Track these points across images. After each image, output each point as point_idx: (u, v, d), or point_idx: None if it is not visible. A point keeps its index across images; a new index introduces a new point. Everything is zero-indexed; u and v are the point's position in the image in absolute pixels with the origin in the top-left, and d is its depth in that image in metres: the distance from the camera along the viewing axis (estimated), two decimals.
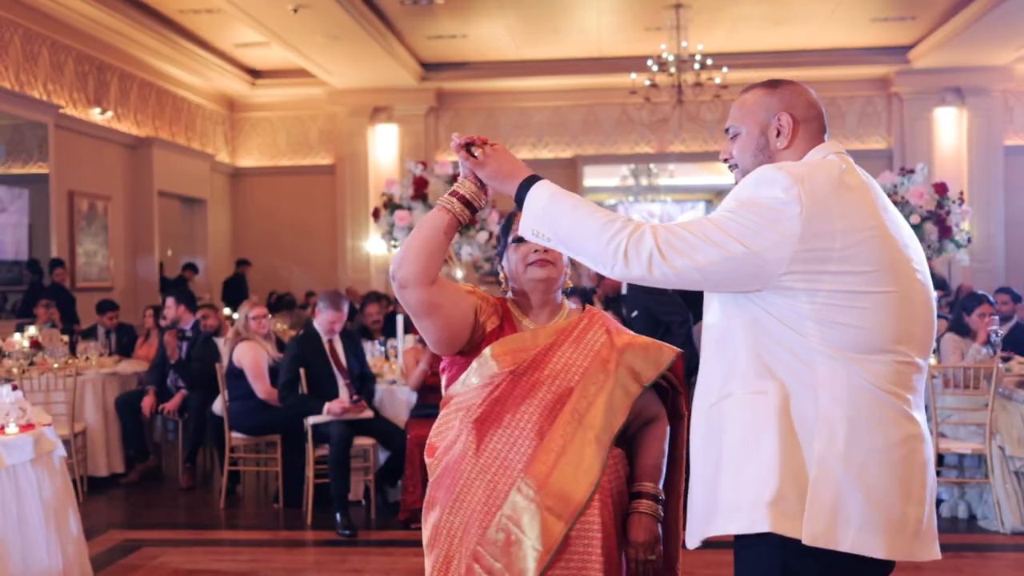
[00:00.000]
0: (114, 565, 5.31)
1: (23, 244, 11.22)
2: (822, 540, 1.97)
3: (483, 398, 2.37)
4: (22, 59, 10.97)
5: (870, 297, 2.01)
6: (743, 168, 2.23)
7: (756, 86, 2.28)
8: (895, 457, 2.03)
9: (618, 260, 2.05)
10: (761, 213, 2.00)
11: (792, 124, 2.18)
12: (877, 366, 2.02)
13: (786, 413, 2.01)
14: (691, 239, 2.01)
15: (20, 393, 4.77)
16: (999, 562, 5.25)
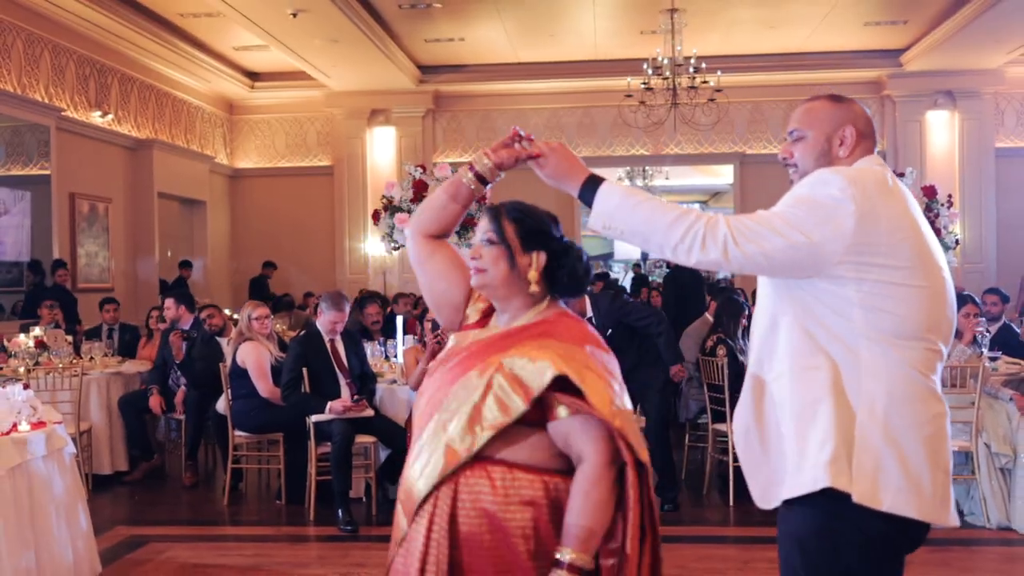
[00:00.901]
0: (122, 560, 5.43)
1: (25, 245, 11.33)
2: (867, 499, 2.21)
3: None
4: (24, 62, 11.08)
5: (908, 289, 2.26)
6: (802, 169, 2.46)
7: (822, 97, 2.53)
8: (927, 432, 2.28)
9: (695, 245, 2.24)
10: (820, 209, 2.25)
11: (855, 137, 2.44)
12: (912, 351, 2.27)
13: (839, 385, 2.26)
14: (759, 228, 2.24)
15: (31, 392, 4.89)
16: (985, 556, 5.39)
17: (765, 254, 2.24)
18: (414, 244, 2.49)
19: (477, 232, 2.35)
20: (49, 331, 8.32)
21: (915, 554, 5.25)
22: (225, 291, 16.12)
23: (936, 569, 5.13)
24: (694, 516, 6.42)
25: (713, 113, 13.37)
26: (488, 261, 2.28)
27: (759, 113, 16.25)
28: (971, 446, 5.87)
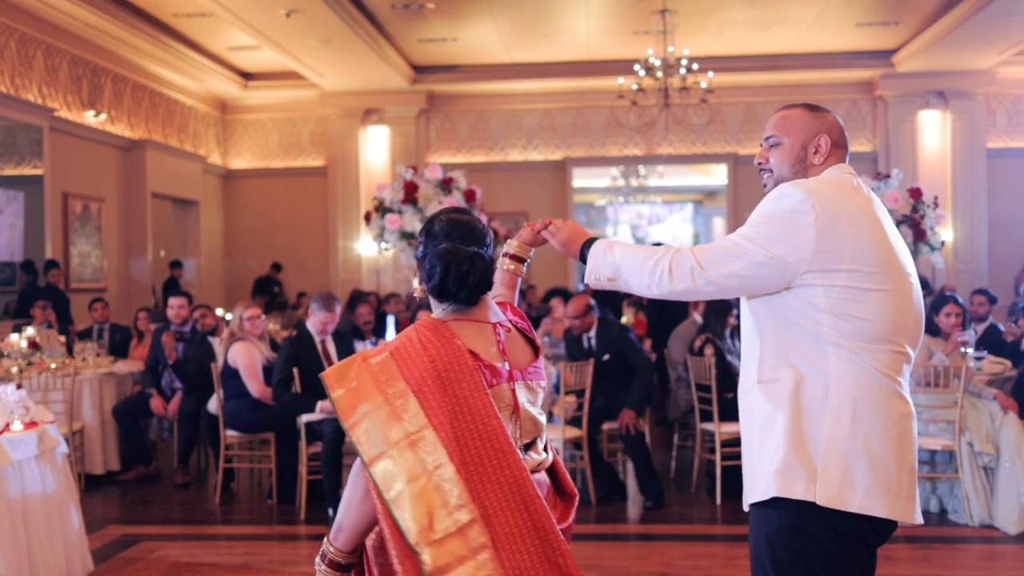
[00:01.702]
0: (114, 559, 5.48)
1: (17, 245, 11.36)
2: (834, 502, 2.33)
3: None
4: (17, 63, 11.11)
5: (874, 294, 2.35)
6: (777, 174, 2.56)
7: (799, 106, 2.61)
8: (893, 433, 2.37)
9: (664, 278, 2.42)
10: (781, 223, 2.36)
11: (829, 146, 2.54)
12: (878, 354, 2.36)
13: (796, 396, 2.36)
14: (723, 252, 2.38)
15: (24, 392, 4.94)
16: (966, 553, 5.45)
17: (733, 275, 2.36)
18: None
19: None
20: (42, 331, 8.36)
21: (898, 551, 5.34)
22: (219, 291, 16.16)
23: (918, 566, 5.20)
24: (682, 515, 6.47)
25: (705, 113, 13.44)
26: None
27: (752, 113, 16.31)
28: (954, 445, 5.93)
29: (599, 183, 20.23)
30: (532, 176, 16.46)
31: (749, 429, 2.50)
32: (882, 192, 7.00)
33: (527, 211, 16.34)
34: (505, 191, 16.09)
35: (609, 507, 6.52)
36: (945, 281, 14.76)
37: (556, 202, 16.52)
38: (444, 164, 15.26)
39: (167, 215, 15.22)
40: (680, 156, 16.60)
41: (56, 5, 11.10)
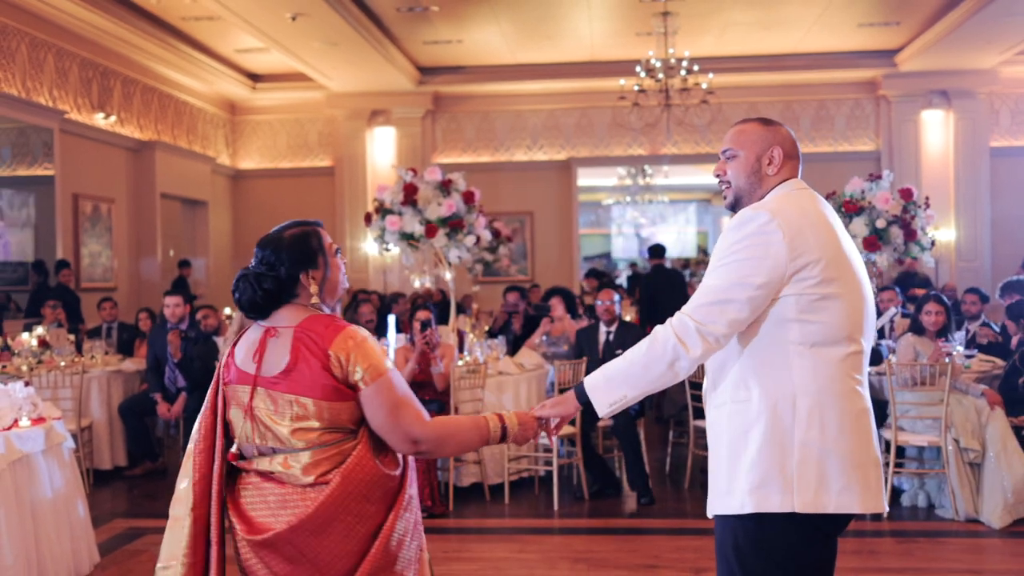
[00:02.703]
0: (119, 551, 5.64)
1: (29, 245, 11.57)
2: (811, 507, 2.47)
3: None
4: (28, 66, 11.31)
5: (834, 298, 2.51)
6: (735, 185, 2.70)
7: (753, 120, 2.74)
8: (858, 429, 2.53)
9: (681, 353, 2.51)
10: (752, 248, 2.50)
11: (782, 157, 2.66)
12: (838, 354, 2.52)
13: (765, 415, 2.50)
14: (714, 305, 2.50)
15: (32, 389, 5.11)
16: (948, 547, 5.57)
17: (733, 321, 2.49)
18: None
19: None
20: (52, 330, 8.55)
21: (882, 545, 5.47)
22: (227, 291, 16.30)
23: (900, 559, 5.33)
24: (675, 509, 6.61)
25: (707, 114, 13.55)
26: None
27: (756, 113, 16.35)
28: (940, 441, 6.05)
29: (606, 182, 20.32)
30: (537, 176, 16.59)
31: (717, 443, 2.63)
32: (873, 193, 7.10)
33: (532, 211, 16.49)
34: (510, 191, 16.24)
35: (602, 502, 6.67)
36: (948, 280, 14.83)
37: (561, 202, 16.65)
38: (450, 164, 15.48)
39: (176, 215, 15.42)
40: (684, 156, 16.71)
41: (66, 9, 11.29)
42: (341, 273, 2.62)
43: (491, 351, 7.57)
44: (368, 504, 2.37)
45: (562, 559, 5.45)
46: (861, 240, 7.05)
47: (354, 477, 2.36)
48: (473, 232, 7.51)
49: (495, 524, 6.28)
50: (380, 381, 2.41)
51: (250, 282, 2.48)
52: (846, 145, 16.28)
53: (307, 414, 2.40)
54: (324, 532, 2.33)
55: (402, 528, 2.42)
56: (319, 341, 2.41)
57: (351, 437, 2.42)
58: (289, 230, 2.58)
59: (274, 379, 2.42)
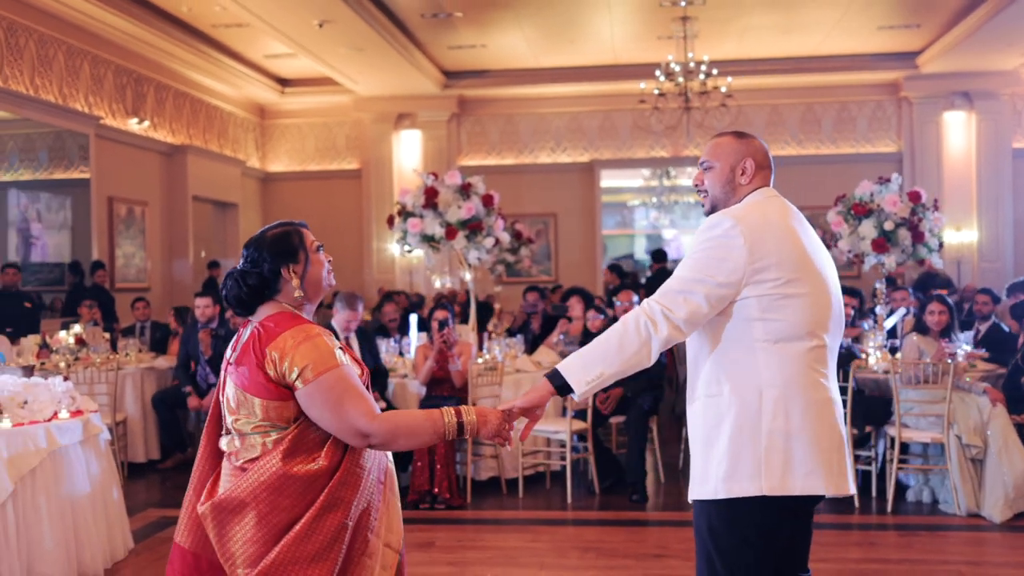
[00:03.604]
0: (152, 538, 5.95)
1: (65, 247, 11.95)
2: (778, 490, 2.70)
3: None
4: (65, 73, 11.69)
5: (796, 297, 2.74)
6: (712, 194, 2.94)
7: (729, 134, 2.98)
8: (823, 417, 2.76)
9: (651, 331, 2.74)
10: (716, 251, 2.74)
11: (754, 168, 2.90)
12: (802, 349, 2.75)
13: (735, 407, 2.74)
14: (679, 294, 2.75)
15: (70, 384, 5.41)
16: (948, 540, 5.75)
17: (695, 311, 2.73)
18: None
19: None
20: (88, 329, 8.90)
21: (883, 537, 5.67)
22: None
23: (900, 551, 5.52)
24: (685, 503, 6.80)
25: (726, 117, 13.71)
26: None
27: (777, 115, 16.54)
28: (943, 438, 6.22)
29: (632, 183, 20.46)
30: (561, 178, 16.81)
31: (695, 434, 2.87)
32: (882, 196, 7.26)
33: (556, 212, 16.71)
34: (534, 193, 16.47)
35: (613, 496, 6.88)
36: (970, 280, 14.89)
37: (585, 204, 16.85)
38: (474, 167, 15.75)
39: (207, 217, 15.79)
40: None
41: (102, 18, 11.66)
42: (324, 269, 2.72)
43: (509, 349, 7.81)
44: (281, 497, 2.46)
45: (573, 548, 5.69)
46: (870, 242, 7.22)
47: (265, 470, 2.47)
48: (492, 234, 7.75)
49: (510, 516, 6.52)
50: (319, 381, 2.46)
51: (235, 279, 2.62)
52: (868, 147, 16.36)
53: (246, 406, 2.52)
54: (239, 513, 2.46)
55: (321, 526, 2.46)
56: (264, 339, 2.52)
57: (278, 431, 2.51)
58: (272, 230, 2.73)
59: (232, 369, 2.58)
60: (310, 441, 2.52)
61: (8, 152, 10.56)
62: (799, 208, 3.00)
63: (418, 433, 2.56)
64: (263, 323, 2.58)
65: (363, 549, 2.53)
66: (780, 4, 12.64)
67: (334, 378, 2.48)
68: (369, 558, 2.54)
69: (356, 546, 2.53)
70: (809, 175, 15.79)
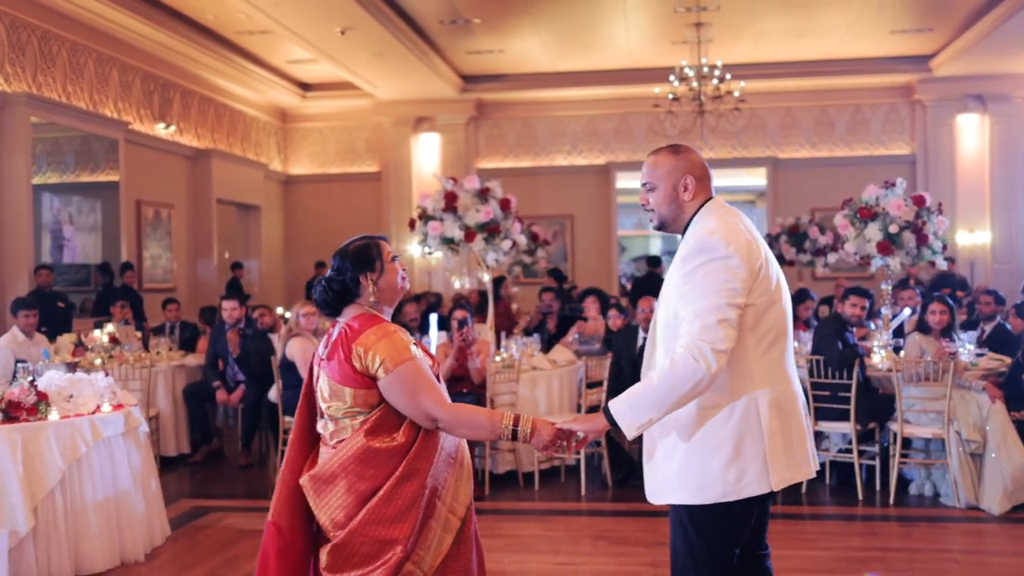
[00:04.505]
0: (187, 526, 6.27)
1: (95, 248, 12.32)
2: (781, 483, 2.90)
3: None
4: (95, 80, 12.06)
5: (775, 303, 2.94)
6: (658, 213, 3.08)
7: (664, 150, 3.09)
8: (799, 406, 2.99)
9: (704, 375, 2.74)
10: (720, 272, 2.83)
11: (695, 183, 3.03)
12: (780, 350, 2.96)
13: (735, 418, 2.88)
14: (716, 327, 2.76)
15: (111, 379, 5.74)
16: (946, 531, 5.98)
17: (732, 335, 2.79)
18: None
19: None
20: (120, 328, 9.24)
21: (885, 528, 5.93)
22: (279, 291, 17.05)
23: (899, 540, 5.77)
24: None
25: (739, 121, 13.93)
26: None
27: (791, 118, 16.74)
28: (944, 433, 6.46)
29: None
30: (577, 180, 17.08)
31: (685, 443, 2.91)
32: (887, 199, 7.49)
33: (572, 214, 16.98)
34: (551, 195, 16.75)
35: (625, 489, 7.14)
36: (983, 281, 15.03)
37: (600, 206, 17.11)
38: (492, 169, 16.02)
39: (231, 219, 16.15)
40: (720, 160, 17.06)
41: (130, 26, 12.03)
42: (398, 276, 3.06)
43: (526, 348, 8.09)
44: (366, 468, 2.87)
45: (586, 537, 5.97)
46: (875, 244, 7.45)
47: (352, 446, 2.90)
48: (509, 237, 8.04)
49: (527, 507, 6.80)
50: (397, 371, 2.86)
51: (323, 285, 3.03)
52: (881, 149, 16.54)
53: (337, 394, 2.93)
54: (332, 483, 2.90)
55: (400, 493, 2.85)
56: (350, 336, 2.92)
57: (364, 414, 2.91)
58: (355, 243, 3.08)
59: (325, 363, 2.98)
60: (390, 422, 2.92)
61: (37, 155, 10.91)
62: (814, 210, 3.18)
63: (477, 428, 2.95)
64: (348, 324, 2.97)
65: (431, 513, 2.91)
66: (793, 9, 12.86)
67: (409, 369, 2.88)
68: (435, 521, 2.91)
69: (426, 511, 2.90)
70: (823, 177, 16.01)
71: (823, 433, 7.09)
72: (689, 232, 3.00)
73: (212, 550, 5.74)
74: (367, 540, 2.85)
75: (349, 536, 2.85)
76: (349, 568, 2.86)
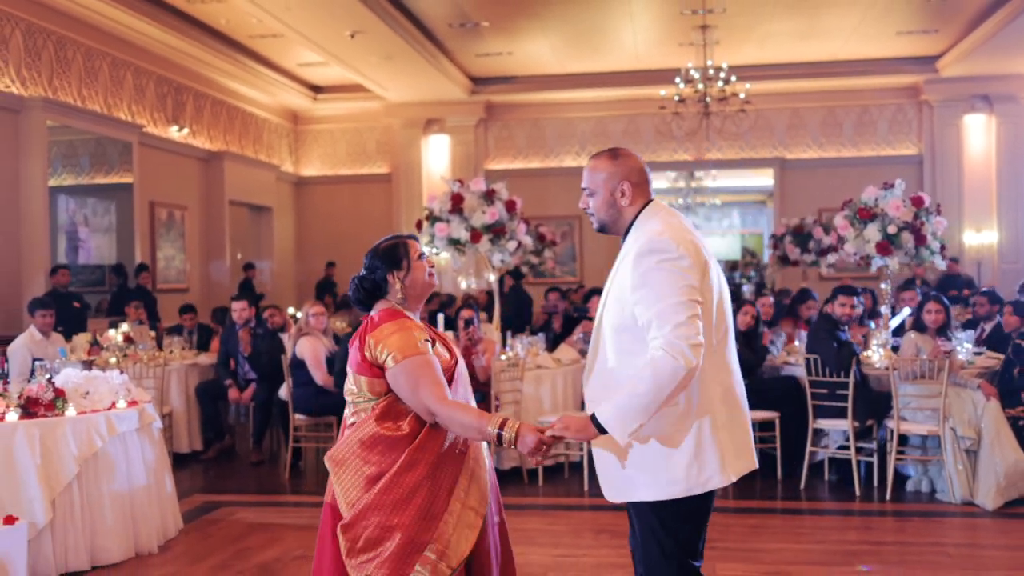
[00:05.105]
0: (200, 519, 6.44)
1: (109, 249, 12.53)
2: (737, 474, 2.99)
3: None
4: (110, 84, 12.28)
5: (721, 301, 3.04)
6: (599, 217, 3.15)
7: (602, 156, 3.14)
8: (739, 397, 3.09)
9: (685, 369, 2.78)
10: (675, 270, 2.91)
11: (632, 189, 3.08)
12: (727, 345, 3.07)
13: (693, 414, 2.96)
14: (687, 320, 2.82)
15: (126, 376, 5.92)
16: (939, 525, 6.10)
17: (700, 331, 2.87)
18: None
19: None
20: (135, 327, 9.43)
21: (880, 523, 6.05)
22: (290, 291, 17.25)
23: (893, 534, 5.90)
24: None
25: (745, 122, 14.04)
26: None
27: (798, 118, 16.84)
28: (939, 430, 6.58)
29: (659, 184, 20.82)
30: None
31: (647, 443, 2.95)
32: (886, 200, 7.60)
33: (581, 215, 17.07)
34: (560, 195, 16.85)
35: None
36: (989, 281, 15.10)
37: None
38: (501, 171, 16.19)
39: (243, 220, 16.36)
40: (728, 161, 17.22)
41: (145, 31, 12.24)
42: (424, 273, 3.20)
43: (531, 347, 8.24)
44: (371, 453, 3.01)
45: (587, 530, 6.12)
46: (874, 245, 7.57)
47: (362, 431, 3.05)
48: (515, 238, 8.19)
49: (530, 502, 6.94)
50: (403, 363, 2.99)
51: (356, 282, 3.21)
52: (888, 149, 16.63)
53: (355, 382, 3.12)
54: (343, 464, 3.06)
55: (401, 481, 2.95)
56: (368, 328, 3.10)
57: (374, 401, 3.07)
58: (385, 242, 3.23)
59: (351, 352, 3.18)
60: (397, 411, 3.06)
61: (52, 158, 11.12)
62: (821, 210, 3.27)
63: (467, 428, 3.00)
64: (371, 317, 3.15)
65: (443, 508, 2.99)
66: (799, 11, 12.98)
67: (415, 363, 3.00)
68: (450, 516, 3.00)
69: (437, 504, 2.99)
70: (830, 177, 16.10)
71: (822, 430, 7.21)
72: (633, 234, 3.06)
73: (223, 542, 5.91)
74: (370, 525, 2.96)
75: (354, 519, 2.98)
76: (360, 552, 2.97)
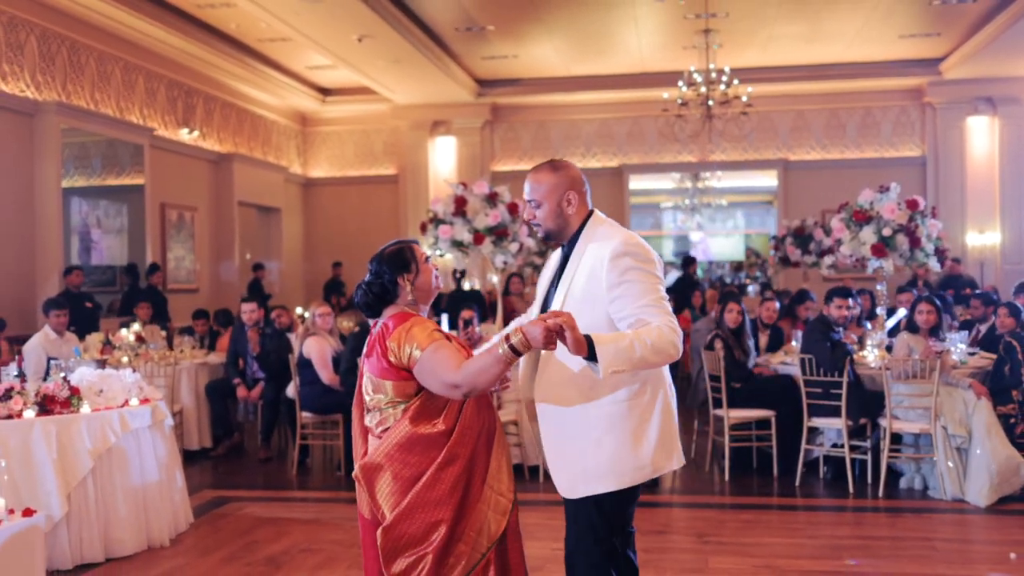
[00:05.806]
0: (209, 514, 6.63)
1: (121, 250, 12.73)
2: (662, 470, 3.20)
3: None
4: (122, 88, 12.49)
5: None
6: (545, 227, 3.30)
7: (543, 168, 3.30)
8: (672, 404, 3.28)
9: (674, 351, 3.00)
10: (650, 273, 3.12)
11: (577, 198, 3.26)
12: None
13: (656, 405, 3.17)
14: (670, 315, 3.06)
15: (139, 375, 6.11)
16: (930, 520, 6.24)
17: (672, 315, 3.13)
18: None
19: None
20: (146, 327, 9.63)
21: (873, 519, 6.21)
22: (298, 291, 17.45)
23: (883, 529, 6.05)
24: (691, 487, 7.37)
25: (748, 125, 14.18)
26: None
27: (802, 120, 16.97)
28: (931, 429, 6.72)
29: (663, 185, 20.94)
30: (590, 182, 16.83)
31: (611, 434, 3.12)
32: (882, 203, 7.75)
33: None
34: None
35: None
36: (991, 282, 15.21)
37: (614, 207, 17.36)
38: (507, 172, 16.39)
39: (252, 222, 16.57)
40: (732, 162, 17.36)
41: (156, 35, 12.45)
42: (432, 276, 3.25)
43: None
44: (410, 455, 3.05)
45: None
46: (869, 247, 7.73)
47: (397, 433, 3.07)
48: (517, 240, 8.36)
49: (530, 498, 7.09)
50: (423, 356, 3.02)
51: (363, 288, 3.26)
52: (892, 151, 16.75)
53: (378, 388, 3.15)
54: (379, 471, 3.12)
55: (443, 477, 3.02)
56: (385, 334, 3.11)
57: (405, 403, 3.09)
58: (390, 247, 3.28)
59: (366, 360, 3.24)
60: (432, 409, 3.09)
61: (65, 160, 11.32)
62: (825, 212, 3.42)
63: (487, 368, 2.95)
64: (385, 323, 3.18)
65: (477, 496, 3.09)
66: (802, 15, 13.12)
67: (431, 351, 3.02)
68: (483, 504, 3.09)
69: (472, 494, 3.08)
70: (834, 179, 16.21)
71: (817, 429, 7.36)
72: (589, 241, 3.22)
73: (232, 536, 6.09)
74: (414, 523, 3.01)
75: (396, 520, 3.03)
76: (400, 553, 3.04)
